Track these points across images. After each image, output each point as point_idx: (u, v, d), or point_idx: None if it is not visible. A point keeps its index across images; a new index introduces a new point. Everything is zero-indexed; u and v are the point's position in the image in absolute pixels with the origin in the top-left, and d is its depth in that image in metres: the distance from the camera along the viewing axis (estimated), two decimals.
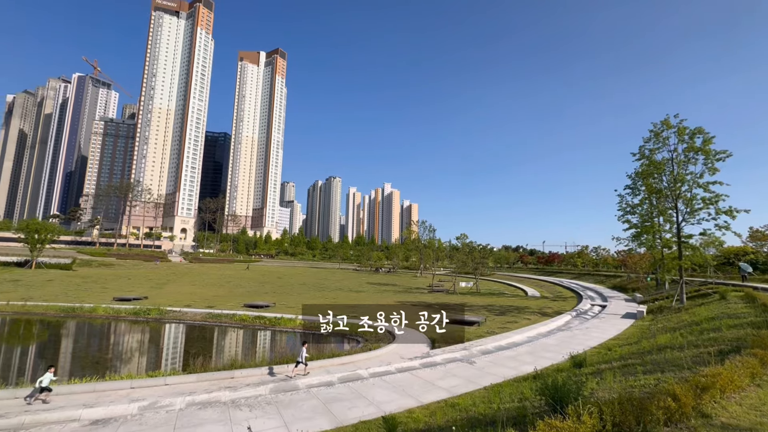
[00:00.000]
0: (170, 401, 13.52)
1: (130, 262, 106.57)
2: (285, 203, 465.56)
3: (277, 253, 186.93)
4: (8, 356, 26.03)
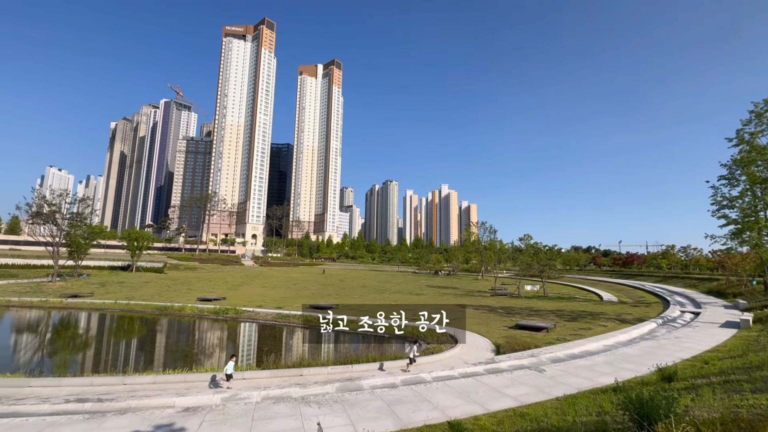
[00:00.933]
0: (248, 394, 14.66)
1: (210, 265, 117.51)
2: (344, 208, 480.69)
3: (339, 257, 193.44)
4: (116, 347, 30.14)
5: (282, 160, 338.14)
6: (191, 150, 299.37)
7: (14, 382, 15.88)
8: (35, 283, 58.40)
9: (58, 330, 34.87)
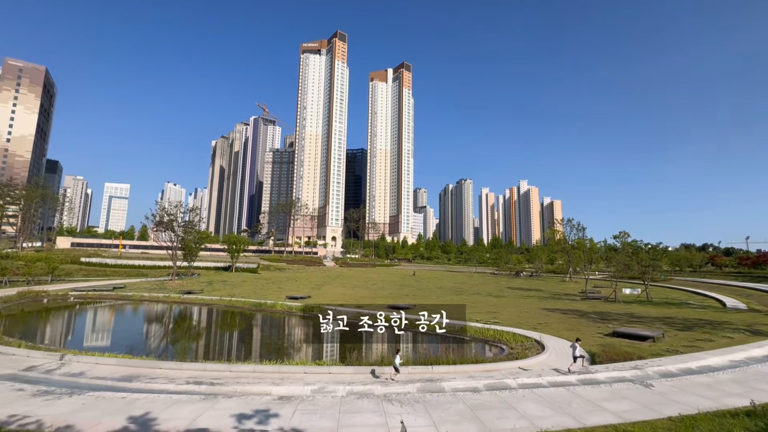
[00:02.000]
0: (334, 388, 15.52)
1: (295, 266, 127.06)
2: (418, 209, 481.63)
3: (414, 258, 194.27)
4: (222, 338, 34.21)
5: (357, 164, 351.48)
6: (277, 161, 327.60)
7: (149, 364, 19.02)
8: (160, 281, 69.14)
9: (177, 321, 40.79)
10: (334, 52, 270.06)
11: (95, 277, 73.48)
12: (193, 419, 11.94)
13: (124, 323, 40.38)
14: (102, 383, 16.27)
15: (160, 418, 12.01)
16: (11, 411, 12.33)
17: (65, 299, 47.37)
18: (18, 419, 11.66)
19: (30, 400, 13.54)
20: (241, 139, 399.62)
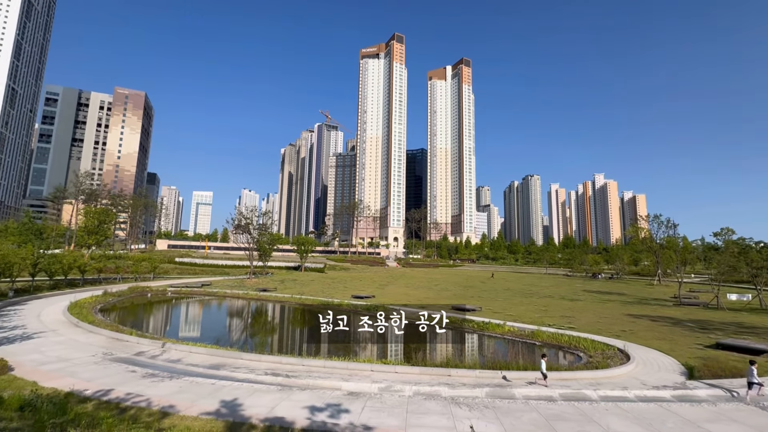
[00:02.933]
0: (401, 387, 15.64)
1: (359, 266, 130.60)
2: (481, 208, 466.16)
3: (478, 258, 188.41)
4: (293, 333, 36.38)
5: (417, 164, 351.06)
6: (340, 164, 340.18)
7: (233, 354, 20.92)
8: (239, 279, 75.68)
9: (255, 316, 44.28)
10: (392, 55, 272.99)
11: (187, 275, 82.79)
12: (271, 408, 12.87)
13: (210, 316, 44.91)
14: (195, 370, 18.27)
15: (244, 404, 13.15)
16: (128, 389, 14.40)
17: (164, 294, 54.04)
18: (132, 397, 13.58)
19: (140, 381, 15.69)
20: (307, 146, 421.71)
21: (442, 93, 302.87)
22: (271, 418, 11.99)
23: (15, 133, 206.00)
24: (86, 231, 77.56)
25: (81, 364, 18.31)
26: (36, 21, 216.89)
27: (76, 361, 18.69)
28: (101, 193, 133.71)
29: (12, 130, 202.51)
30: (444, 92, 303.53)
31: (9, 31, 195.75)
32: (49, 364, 17.89)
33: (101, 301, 40.25)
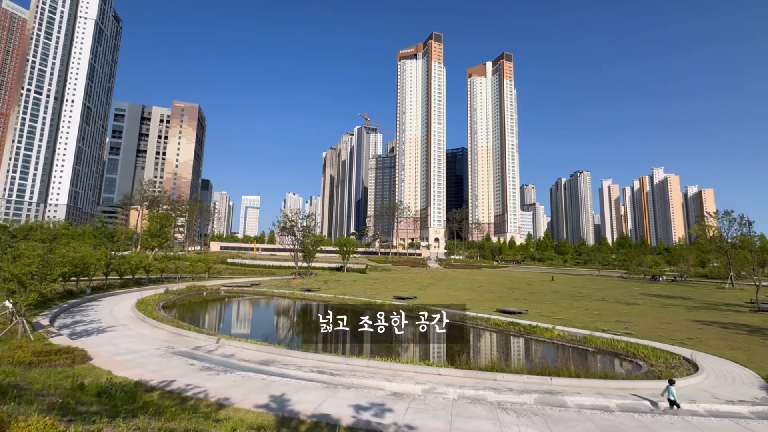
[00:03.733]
0: (445, 390, 15.45)
1: (400, 267, 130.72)
2: (526, 207, 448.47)
3: (523, 259, 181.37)
4: (337, 332, 37.10)
5: (457, 164, 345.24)
6: (379, 166, 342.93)
7: (281, 352, 21.80)
8: (285, 279, 78.69)
9: (300, 315, 45.81)
10: (430, 54, 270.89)
11: (237, 275, 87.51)
12: (318, 404, 13.25)
13: (259, 315, 47.11)
14: (246, 365, 19.26)
15: (292, 399, 13.66)
16: (187, 381, 15.50)
17: (217, 293, 57.53)
18: (192, 388, 14.60)
19: (198, 374, 16.82)
20: (347, 149, 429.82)
21: (482, 90, 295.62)
22: (317, 414, 12.35)
23: (90, 147, 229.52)
24: (150, 234, 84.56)
25: (147, 356, 19.99)
26: (105, 45, 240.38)
27: (143, 354, 20.43)
28: (162, 199, 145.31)
29: (87, 144, 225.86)
30: (484, 89, 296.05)
31: (84, 56, 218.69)
32: (120, 356, 19.72)
33: (163, 298, 43.66)
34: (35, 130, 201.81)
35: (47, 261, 23.56)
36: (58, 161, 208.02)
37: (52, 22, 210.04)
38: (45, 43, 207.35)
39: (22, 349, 17.48)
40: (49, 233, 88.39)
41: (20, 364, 15.92)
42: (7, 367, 15.11)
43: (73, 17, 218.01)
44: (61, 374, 15.09)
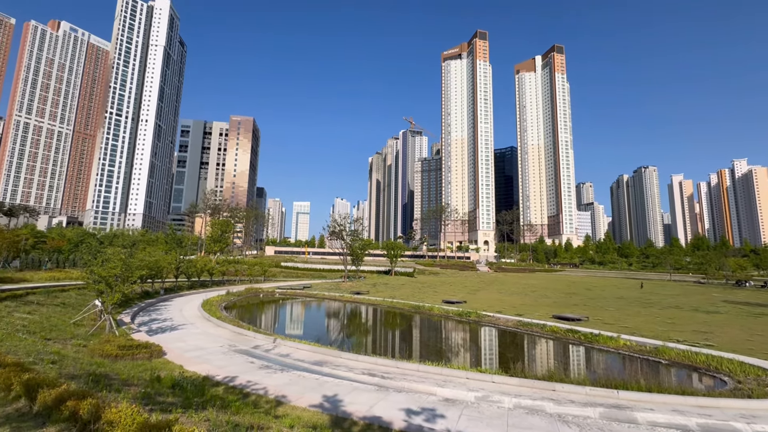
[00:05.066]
0: (499, 398, 14.90)
1: (449, 271, 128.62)
2: (583, 206, 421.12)
3: (582, 262, 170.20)
4: (386, 335, 37.36)
5: (506, 164, 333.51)
6: (425, 169, 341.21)
7: (332, 353, 22.38)
8: (335, 282, 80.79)
9: (350, 317, 46.73)
10: (475, 53, 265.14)
11: (290, 278, 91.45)
12: (370, 406, 13.41)
13: (311, 316, 48.78)
14: (301, 365, 20.02)
15: (345, 400, 13.96)
16: (248, 377, 16.47)
17: (272, 295, 60.52)
18: (252, 384, 15.49)
19: (258, 371, 17.79)
20: (393, 153, 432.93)
21: (531, 85, 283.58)
22: (369, 416, 12.50)
23: (161, 161, 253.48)
24: (212, 239, 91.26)
25: (212, 353, 21.53)
26: (173, 68, 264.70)
27: (209, 350, 22.04)
28: (222, 207, 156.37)
29: (159, 158, 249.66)
30: (534, 84, 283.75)
31: (155, 79, 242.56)
32: (190, 352, 21.44)
33: (225, 299, 46.82)
34: (117, 149, 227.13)
35: (128, 264, 26.32)
36: (135, 175, 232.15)
37: (129, 51, 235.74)
38: (123, 71, 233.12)
39: (109, 343, 19.65)
40: (129, 240, 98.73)
41: (108, 356, 17.90)
42: (98, 359, 17.09)
43: (146, 45, 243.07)
44: (141, 367, 16.74)
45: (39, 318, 24.93)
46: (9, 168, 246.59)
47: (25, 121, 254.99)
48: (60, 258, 68.65)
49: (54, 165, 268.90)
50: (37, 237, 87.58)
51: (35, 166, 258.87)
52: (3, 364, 10.09)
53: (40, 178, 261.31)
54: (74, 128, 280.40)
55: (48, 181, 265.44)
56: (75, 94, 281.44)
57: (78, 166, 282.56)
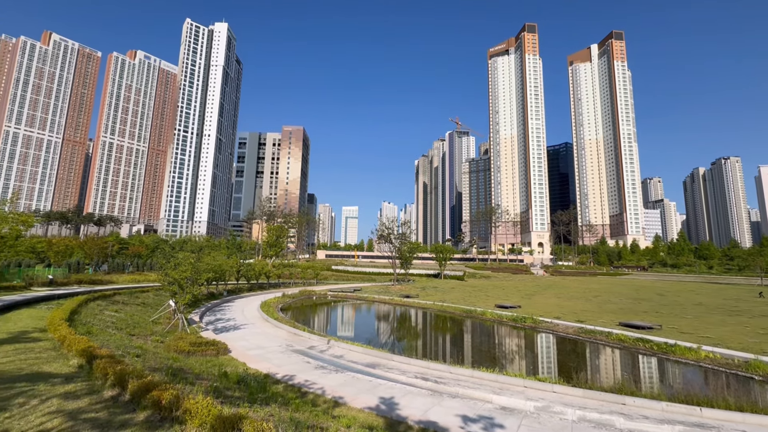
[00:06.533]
0: (561, 410, 14.07)
1: (501, 274, 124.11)
2: (651, 204, 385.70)
3: (651, 265, 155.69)
4: (437, 339, 36.89)
5: (560, 161, 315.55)
6: (473, 170, 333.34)
7: (385, 356, 22.55)
8: (384, 286, 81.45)
9: (400, 321, 46.80)
10: (524, 47, 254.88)
11: (341, 281, 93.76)
12: (424, 411, 13.33)
13: (362, 319, 49.57)
14: (354, 366, 20.43)
15: (399, 404, 14.01)
16: (305, 377, 17.15)
17: (324, 297, 62.46)
18: (310, 384, 16.09)
19: (314, 371, 18.45)
20: (439, 155, 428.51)
21: (587, 76, 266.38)
22: (425, 421, 12.42)
23: (222, 172, 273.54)
24: (268, 244, 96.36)
25: (272, 352, 22.70)
26: (231, 85, 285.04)
27: (269, 349, 23.26)
28: (276, 214, 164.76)
29: (220, 170, 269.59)
30: (589, 75, 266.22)
31: (216, 97, 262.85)
32: (252, 350, 22.79)
33: (281, 301, 49.17)
34: (184, 162, 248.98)
35: (197, 268, 28.67)
36: (200, 186, 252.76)
37: (193, 72, 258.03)
38: (189, 91, 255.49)
39: (182, 340, 21.50)
40: (196, 245, 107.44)
41: (182, 352, 19.60)
42: (173, 354, 18.78)
43: (207, 66, 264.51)
44: (210, 363, 18.12)
45: (124, 316, 27.97)
46: (98, 183, 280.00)
47: (109, 141, 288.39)
48: (139, 262, 76.50)
49: (133, 179, 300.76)
50: (120, 244, 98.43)
51: (118, 180, 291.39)
52: (100, 355, 11.47)
53: (121, 191, 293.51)
54: (149, 145, 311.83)
55: (128, 194, 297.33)
56: (149, 114, 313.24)
57: (152, 179, 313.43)
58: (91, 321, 23.22)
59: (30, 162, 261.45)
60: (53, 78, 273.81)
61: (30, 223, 38.45)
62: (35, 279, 42.06)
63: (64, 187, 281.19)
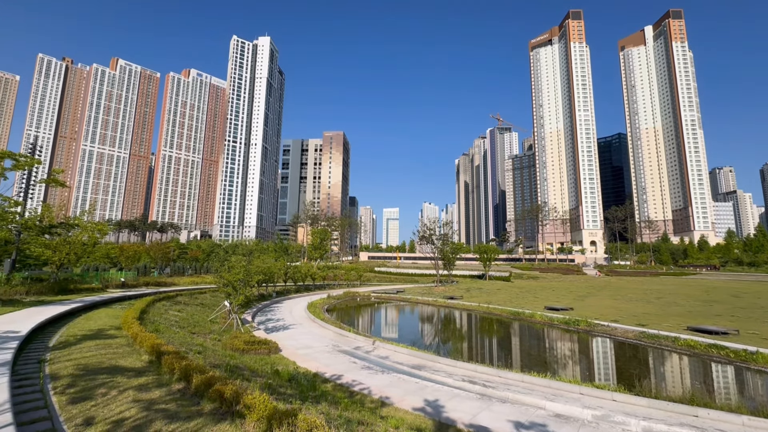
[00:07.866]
0: (623, 419, 13.16)
1: (550, 274, 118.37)
2: (721, 196, 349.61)
3: (724, 263, 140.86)
4: (483, 342, 35.94)
5: (613, 153, 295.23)
6: (517, 167, 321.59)
7: (430, 358, 22.39)
8: (427, 287, 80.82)
9: (444, 323, 46.18)
10: (569, 36, 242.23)
11: (384, 282, 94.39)
12: (473, 415, 13.06)
13: (406, 320, 49.55)
14: (400, 367, 20.48)
15: (446, 407, 13.85)
16: (352, 377, 17.48)
17: (368, 299, 63.20)
18: (357, 384, 16.38)
19: (360, 371, 18.75)
20: (480, 153, 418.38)
21: (641, 61, 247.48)
22: (474, 425, 12.18)
23: (268, 179, 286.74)
24: (313, 247, 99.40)
25: (319, 351, 23.39)
26: (274, 95, 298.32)
27: (316, 349, 23.99)
28: (320, 217, 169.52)
29: (267, 176, 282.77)
30: (644, 60, 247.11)
31: (261, 108, 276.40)
32: (300, 350, 23.63)
33: (327, 302, 50.49)
34: (234, 171, 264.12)
35: (248, 270, 30.28)
36: (249, 193, 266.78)
37: (240, 86, 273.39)
38: (236, 103, 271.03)
39: (237, 338, 22.79)
40: (247, 249, 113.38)
41: (237, 350, 20.77)
42: (230, 352, 19.96)
43: (252, 79, 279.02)
44: (262, 361, 19.03)
45: (185, 315, 30.17)
46: (160, 193, 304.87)
47: (169, 154, 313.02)
48: (197, 265, 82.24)
49: (189, 188, 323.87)
50: (181, 248, 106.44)
51: (176, 190, 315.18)
52: (167, 351, 12.49)
53: (180, 200, 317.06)
54: (202, 156, 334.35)
55: (186, 202, 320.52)
56: (201, 127, 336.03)
57: (206, 187, 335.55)
58: (158, 320, 25.32)
59: (103, 176, 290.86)
60: (120, 99, 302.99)
61: (105, 231, 42.71)
62: (110, 281, 46.75)
63: (131, 198, 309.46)
